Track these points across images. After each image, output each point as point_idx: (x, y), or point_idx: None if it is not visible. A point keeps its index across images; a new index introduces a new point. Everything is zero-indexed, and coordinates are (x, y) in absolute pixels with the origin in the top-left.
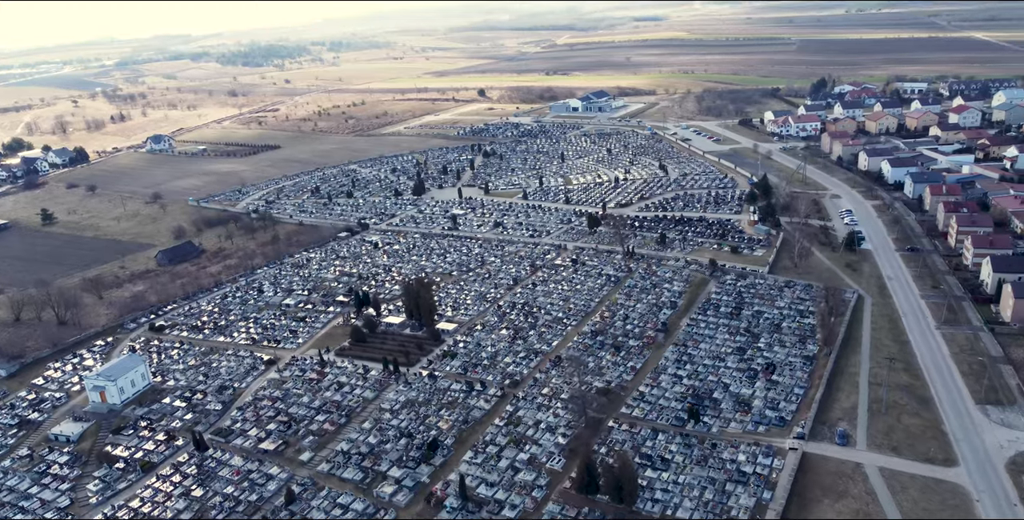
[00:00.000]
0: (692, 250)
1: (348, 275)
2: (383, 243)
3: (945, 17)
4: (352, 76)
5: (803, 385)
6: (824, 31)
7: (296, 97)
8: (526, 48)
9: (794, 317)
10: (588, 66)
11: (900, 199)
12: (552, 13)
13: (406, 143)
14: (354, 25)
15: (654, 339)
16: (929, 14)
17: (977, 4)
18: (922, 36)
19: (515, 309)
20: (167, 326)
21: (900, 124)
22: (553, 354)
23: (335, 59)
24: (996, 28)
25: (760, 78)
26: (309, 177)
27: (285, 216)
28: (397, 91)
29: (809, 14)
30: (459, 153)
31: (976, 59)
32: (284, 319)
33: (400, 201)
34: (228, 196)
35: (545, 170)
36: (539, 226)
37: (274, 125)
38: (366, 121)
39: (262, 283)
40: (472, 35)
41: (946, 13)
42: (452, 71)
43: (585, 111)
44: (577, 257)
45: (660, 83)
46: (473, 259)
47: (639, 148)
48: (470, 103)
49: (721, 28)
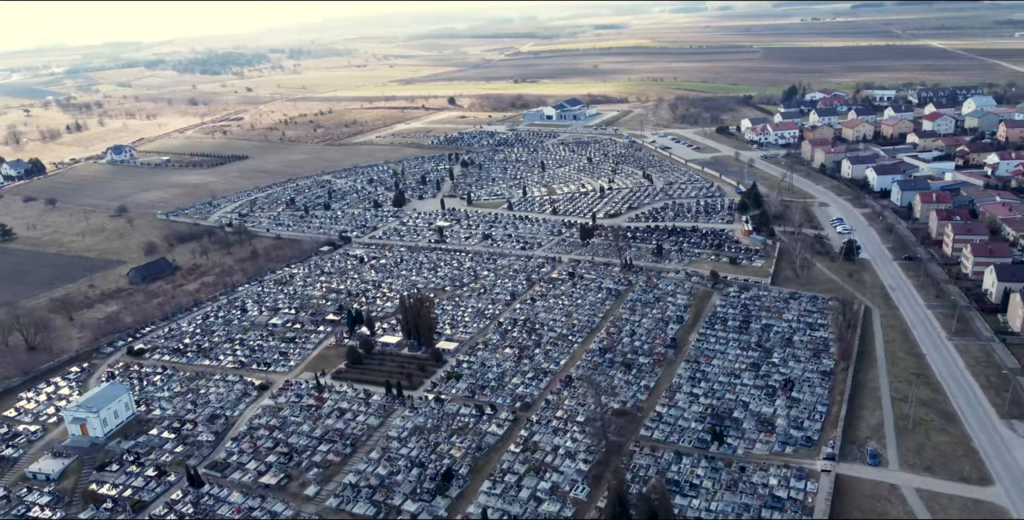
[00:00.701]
0: (690, 262)
1: (336, 292)
2: (369, 257)
3: (898, 25)
4: (316, 84)
5: (824, 402)
6: (783, 39)
7: (260, 105)
8: (490, 55)
9: (804, 330)
10: (555, 73)
11: (888, 207)
12: (510, 21)
13: (380, 152)
14: (302, 33)
15: (664, 356)
16: (884, 22)
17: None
18: (880, 44)
19: (516, 326)
20: (147, 350)
21: (876, 131)
22: (563, 374)
23: (296, 67)
24: (948, 36)
25: (729, 85)
26: (282, 188)
27: (261, 230)
28: (364, 99)
29: (766, 23)
30: (436, 162)
31: (936, 67)
32: (272, 340)
33: (380, 213)
34: (199, 209)
35: (527, 180)
36: (529, 238)
37: (239, 134)
38: (335, 130)
39: (245, 302)
40: (433, 42)
41: (899, 22)
42: (418, 79)
43: (559, 119)
44: (574, 270)
45: (631, 91)
46: (465, 273)
47: (619, 157)
48: (441, 111)
49: (682, 36)
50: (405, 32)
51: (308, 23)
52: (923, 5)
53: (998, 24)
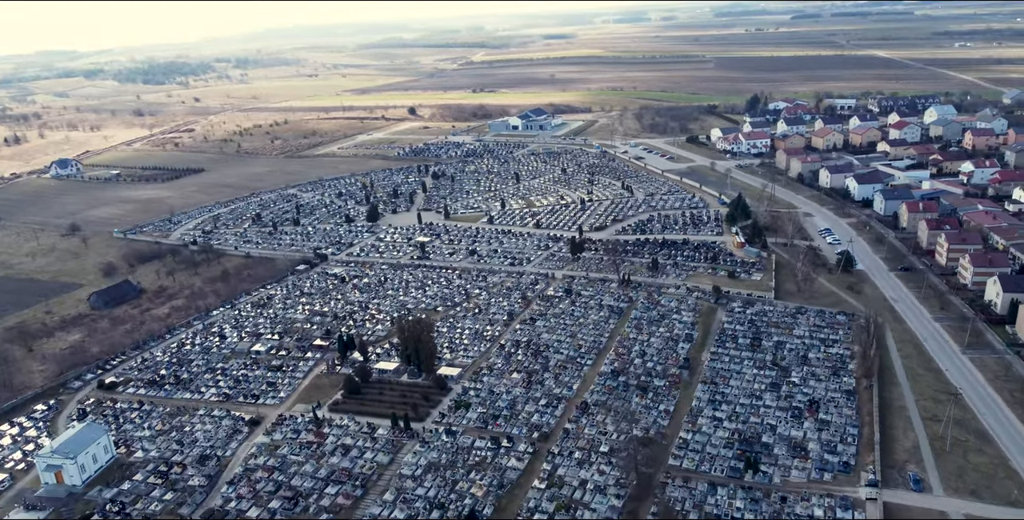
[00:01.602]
0: (688, 276)
1: (320, 314)
2: (350, 276)
3: (841, 36)
4: (267, 94)
5: (854, 423)
6: (731, 49)
7: (210, 116)
8: (443, 65)
9: (818, 347)
10: (512, 83)
11: (872, 216)
12: (456, 31)
13: (344, 164)
14: (244, 42)
15: (679, 377)
16: (826, 33)
17: (864, 24)
18: (829, 54)
19: (520, 348)
20: (119, 383)
21: (845, 140)
22: (577, 399)
23: (244, 76)
24: (891, 47)
25: (689, 95)
26: (246, 203)
27: (229, 247)
28: (320, 109)
29: (712, 33)
30: (405, 175)
31: (889, 76)
32: (257, 369)
33: (354, 228)
34: (158, 226)
35: (502, 192)
36: (516, 253)
37: (192, 146)
38: (294, 141)
39: (222, 327)
40: (384, 52)
41: (841, 33)
42: (373, 88)
43: (526, 129)
44: (570, 287)
45: (592, 100)
46: (456, 292)
47: (593, 167)
48: (402, 121)
49: (632, 46)
50: (351, 42)
51: (250, 32)
52: (857, 17)
53: (936, 35)
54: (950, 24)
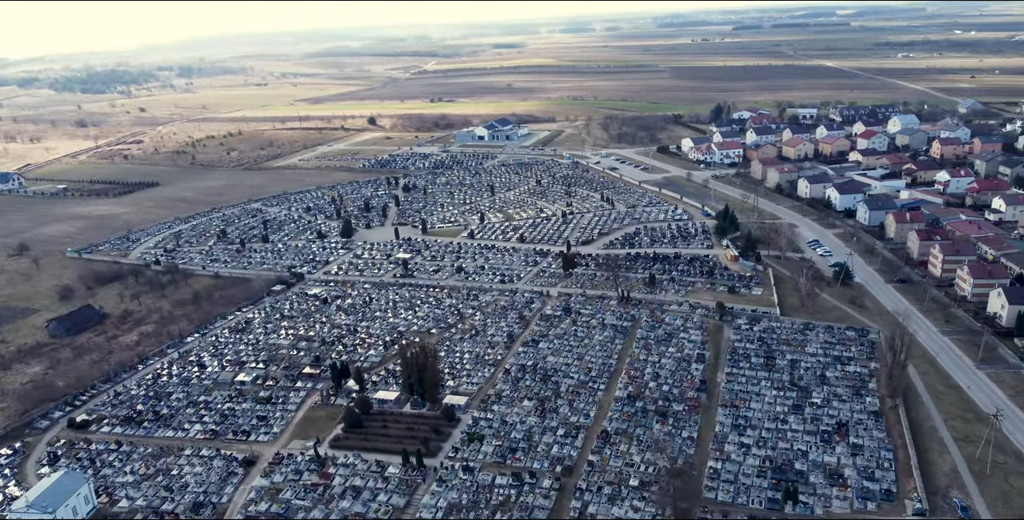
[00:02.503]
0: (687, 292)
1: (306, 339)
2: (332, 297)
3: (787, 46)
4: (217, 104)
5: (888, 447)
6: (682, 58)
7: (158, 127)
8: (395, 74)
9: (834, 365)
10: (469, 92)
11: (856, 226)
12: (402, 40)
13: (308, 177)
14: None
15: (697, 400)
16: (772, 43)
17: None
18: (779, 64)
19: (527, 373)
20: (92, 421)
21: (815, 150)
22: (596, 428)
23: (189, 85)
24: (837, 57)
25: (649, 104)
26: (208, 219)
27: (195, 267)
28: (275, 119)
29: (661, 43)
30: (374, 187)
31: (844, 85)
32: (244, 402)
33: (328, 245)
34: (115, 245)
35: (478, 204)
36: (505, 270)
37: (143, 158)
38: (251, 153)
39: (200, 355)
40: (332, 60)
41: (786, 43)
42: (327, 98)
43: (492, 140)
44: (569, 306)
45: (555, 110)
46: (448, 312)
47: (568, 179)
48: (362, 132)
49: (583, 55)
50: (295, 50)
51: (190, 40)
52: (797, 28)
53: (878, 45)
54: (888, 35)
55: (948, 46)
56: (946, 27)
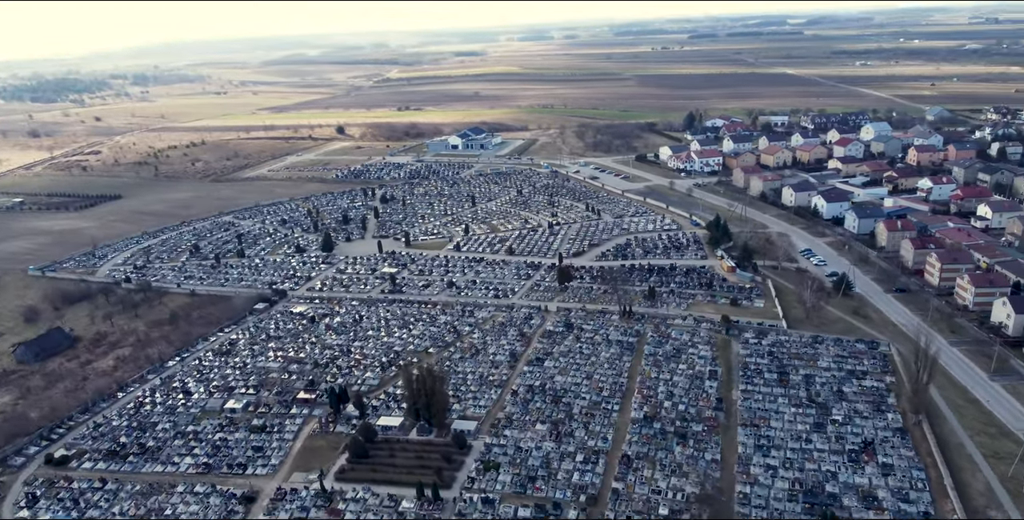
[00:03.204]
0: (688, 305)
1: (297, 362)
2: (319, 315)
3: (747, 54)
4: (176, 113)
5: (918, 466)
6: (645, 66)
7: (116, 137)
8: (357, 82)
9: (850, 379)
10: (436, 100)
11: (845, 235)
12: (360, 48)
13: (280, 188)
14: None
15: (716, 420)
16: (732, 51)
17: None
18: (743, 72)
19: (535, 394)
20: (71, 456)
21: (793, 157)
22: (617, 452)
23: (145, 94)
24: (797, 65)
25: (620, 112)
26: (178, 233)
27: (169, 285)
28: (239, 129)
29: (622, 51)
30: (350, 198)
31: (808, 93)
32: (236, 431)
33: (307, 259)
34: (80, 262)
35: (460, 216)
36: (498, 284)
37: (103, 170)
38: (217, 163)
39: (184, 380)
40: (291, 68)
41: (746, 51)
42: (290, 106)
43: (466, 149)
44: (571, 322)
45: (525, 118)
46: (444, 330)
47: (548, 188)
48: (331, 141)
49: (546, 63)
50: (251, 57)
51: (141, 47)
52: (751, 37)
53: (835, 54)
54: (842, 43)
55: (903, 54)
56: (895, 35)
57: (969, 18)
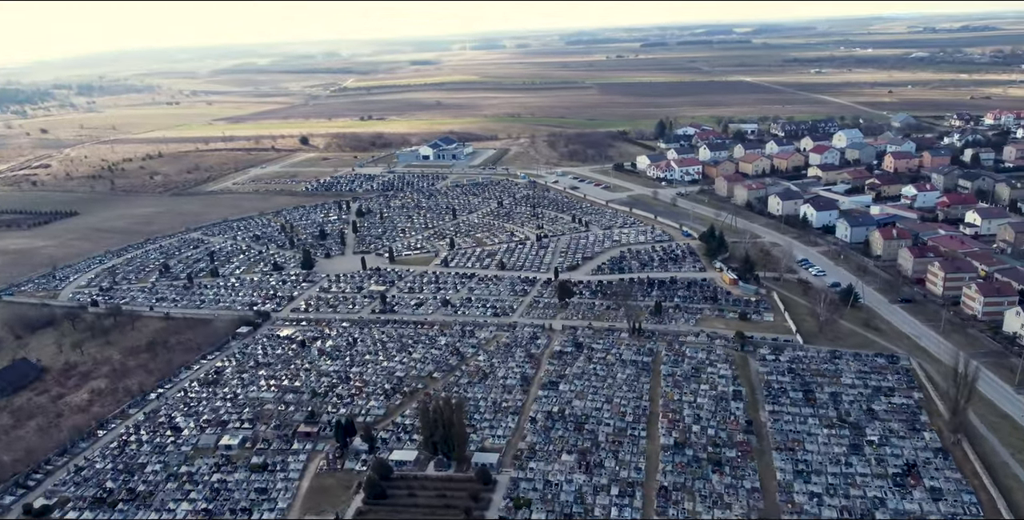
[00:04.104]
0: (697, 321)
1: (293, 391)
2: (309, 339)
3: (701, 62)
4: (127, 124)
5: (967, 489)
6: (603, 74)
7: (66, 150)
8: (314, 91)
9: (877, 397)
10: (398, 109)
11: (838, 244)
12: (311, 57)
13: (247, 202)
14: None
15: (748, 444)
16: (688, 60)
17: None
18: (702, 80)
19: (555, 421)
20: (53, 506)
21: (772, 165)
22: (652, 483)
23: (91, 104)
24: (753, 72)
25: (587, 120)
26: (144, 252)
27: (140, 307)
28: (197, 140)
29: (577, 59)
30: (324, 212)
31: (772, 100)
32: (235, 471)
33: (287, 277)
34: (39, 284)
35: (442, 229)
36: (495, 301)
37: (55, 185)
38: (177, 177)
39: (171, 415)
40: (244, 78)
41: (701, 59)
42: (247, 117)
43: (437, 159)
44: (581, 341)
45: (493, 127)
46: (447, 353)
47: (529, 199)
48: (295, 152)
49: (503, 71)
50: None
51: (85, 56)
52: (702, 46)
53: (788, 62)
54: (791, 52)
55: (854, 62)
56: (839, 43)
57: (908, 27)
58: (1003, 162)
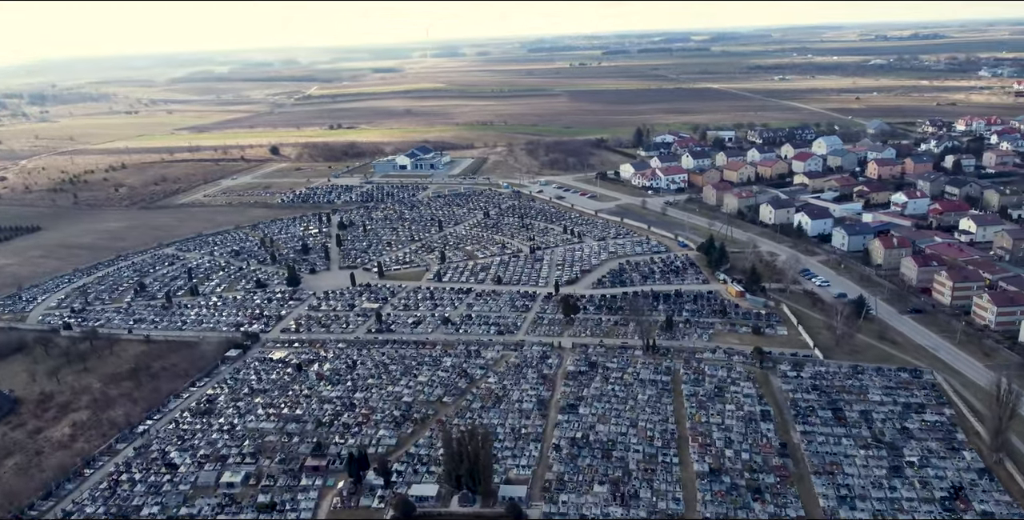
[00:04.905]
0: (710, 336)
1: (295, 420)
2: (304, 362)
3: (664, 70)
4: (85, 134)
5: (1020, 513)
6: (570, 82)
7: (21, 162)
8: (278, 99)
9: (908, 414)
10: (367, 117)
11: (836, 253)
12: (269, 65)
13: (221, 216)
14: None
15: (786, 469)
16: (651, 67)
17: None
18: (669, 87)
19: (581, 448)
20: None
21: (756, 173)
22: (692, 514)
23: (44, 114)
24: (718, 80)
25: (562, 128)
26: (115, 269)
27: (118, 330)
28: (161, 150)
29: (541, 67)
30: (303, 225)
31: (743, 107)
32: (241, 512)
33: (272, 296)
34: (5, 306)
35: (429, 242)
36: (497, 318)
37: (12, 198)
38: (144, 189)
39: (164, 450)
40: (204, 86)
41: (665, 67)
42: (211, 126)
43: (415, 169)
44: (594, 360)
45: (467, 135)
46: (454, 375)
47: (515, 210)
48: (266, 163)
49: (468, 79)
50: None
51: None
52: (663, 53)
53: (751, 69)
54: (751, 59)
55: (816, 69)
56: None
57: (859, 35)
58: (984, 168)
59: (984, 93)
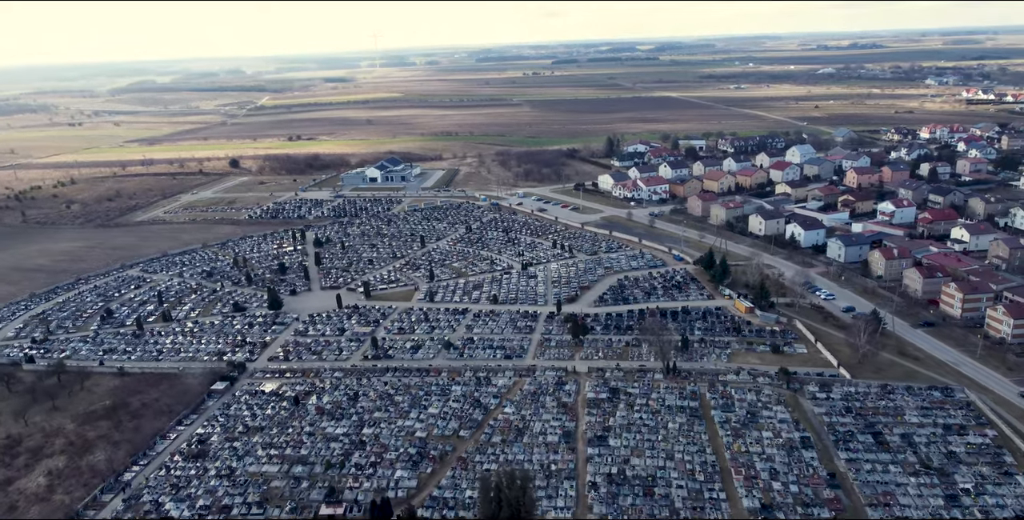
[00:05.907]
0: (728, 355)
1: (301, 462)
2: (301, 394)
3: (619, 79)
4: (27, 148)
5: None
6: (525, 90)
7: None
8: (229, 110)
9: (950, 436)
10: (326, 128)
11: (833, 264)
12: (214, 75)
13: (186, 234)
14: None
15: (839, 502)
16: (607, 76)
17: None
18: (628, 96)
19: (619, 486)
20: None
21: (736, 183)
22: None
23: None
24: (674, 89)
25: (528, 138)
26: (76, 293)
27: (87, 362)
28: (112, 164)
29: (497, 76)
30: (276, 242)
31: (706, 116)
32: None
33: (253, 320)
34: None
35: (413, 259)
36: (501, 341)
37: None
38: (98, 206)
39: (158, 501)
40: (150, 96)
41: (619, 76)
42: (163, 138)
43: (385, 181)
44: (615, 386)
45: (433, 146)
46: (466, 405)
47: (498, 223)
48: (227, 176)
49: (423, 88)
50: (92, 85)
51: None
52: (612, 62)
53: (702, 78)
54: (701, 68)
55: (769, 78)
56: (734, 60)
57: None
58: (959, 176)
59: (936, 101)
